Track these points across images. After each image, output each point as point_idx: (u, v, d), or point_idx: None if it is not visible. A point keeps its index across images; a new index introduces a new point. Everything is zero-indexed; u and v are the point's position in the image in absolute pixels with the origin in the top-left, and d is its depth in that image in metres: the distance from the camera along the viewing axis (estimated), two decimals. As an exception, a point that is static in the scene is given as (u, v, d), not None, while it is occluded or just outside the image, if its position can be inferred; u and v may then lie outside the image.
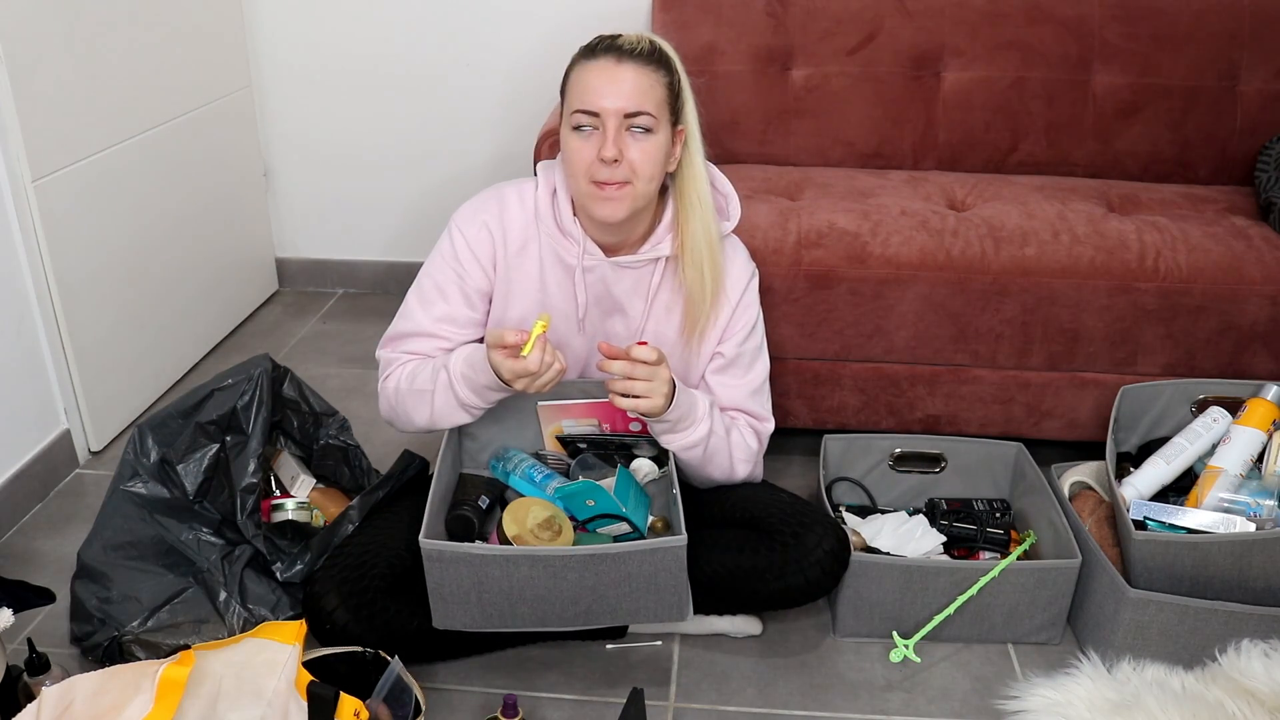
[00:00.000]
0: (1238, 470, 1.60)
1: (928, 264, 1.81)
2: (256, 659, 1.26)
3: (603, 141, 1.40)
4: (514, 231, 1.53)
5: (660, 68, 1.44)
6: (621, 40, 1.43)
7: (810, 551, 1.47)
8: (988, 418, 1.93)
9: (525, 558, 1.35)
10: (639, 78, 1.41)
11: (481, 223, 1.53)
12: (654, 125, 1.42)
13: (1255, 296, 1.78)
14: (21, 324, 1.88)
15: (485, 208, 1.54)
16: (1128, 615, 1.50)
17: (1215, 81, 2.19)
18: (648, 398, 1.41)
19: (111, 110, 2.06)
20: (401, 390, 1.54)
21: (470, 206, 1.55)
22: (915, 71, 2.23)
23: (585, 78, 1.42)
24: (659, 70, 1.44)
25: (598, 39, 1.45)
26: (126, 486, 1.57)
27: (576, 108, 1.42)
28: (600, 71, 1.41)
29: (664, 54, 1.46)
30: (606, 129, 1.40)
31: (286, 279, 2.87)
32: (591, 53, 1.44)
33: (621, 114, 1.40)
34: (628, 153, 1.41)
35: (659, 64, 1.44)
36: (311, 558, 1.53)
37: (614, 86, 1.40)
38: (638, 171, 1.42)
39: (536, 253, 1.53)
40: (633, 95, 1.40)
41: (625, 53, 1.42)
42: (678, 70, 1.48)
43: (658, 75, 1.43)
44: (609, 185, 1.42)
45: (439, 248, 1.55)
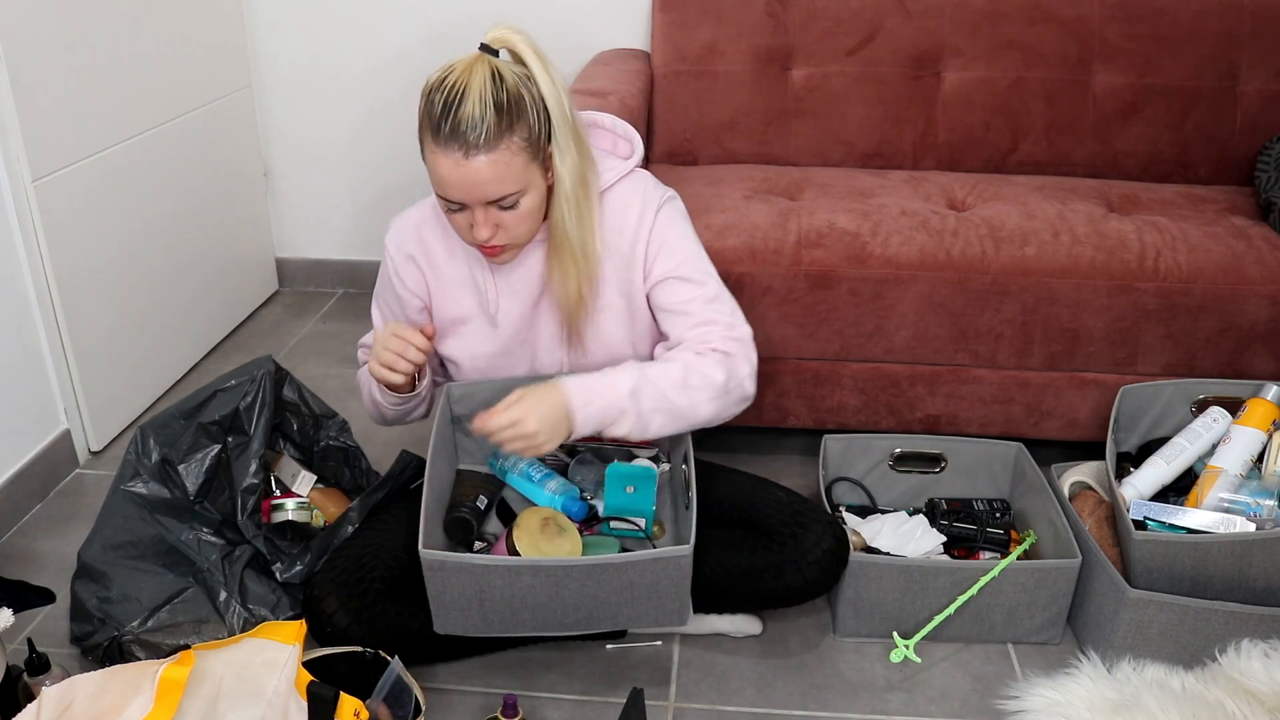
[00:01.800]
0: (1238, 470, 1.60)
1: (928, 264, 1.81)
2: (256, 659, 1.26)
3: (473, 221, 1.38)
4: (435, 243, 1.54)
5: (512, 131, 1.32)
6: (464, 124, 1.30)
7: (809, 550, 1.47)
8: (988, 418, 1.93)
9: (527, 568, 1.35)
10: (492, 167, 1.32)
11: (404, 254, 1.55)
12: (520, 195, 1.37)
13: (1255, 296, 1.78)
14: (21, 324, 1.88)
15: (403, 231, 1.56)
16: (1128, 615, 1.50)
17: (1215, 81, 2.19)
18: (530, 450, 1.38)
19: (111, 110, 2.06)
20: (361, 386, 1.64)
21: (393, 230, 1.57)
22: (915, 71, 2.23)
23: (436, 168, 1.34)
24: (512, 136, 1.32)
25: (441, 108, 1.31)
26: (127, 486, 1.57)
27: (439, 193, 1.38)
28: (452, 168, 1.32)
29: (514, 104, 1.32)
30: (474, 213, 1.37)
31: (286, 279, 2.87)
32: (435, 134, 1.32)
33: (483, 202, 1.36)
34: (501, 223, 1.39)
35: (509, 129, 1.32)
36: (311, 558, 1.53)
37: (467, 184, 1.33)
38: (514, 234, 1.41)
39: (462, 255, 1.54)
40: (490, 185, 1.33)
41: (471, 143, 1.30)
42: (534, 104, 1.35)
43: (512, 144, 1.32)
44: (489, 248, 1.42)
45: (381, 269, 1.60)
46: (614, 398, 1.41)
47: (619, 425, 1.42)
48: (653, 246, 1.50)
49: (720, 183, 2.04)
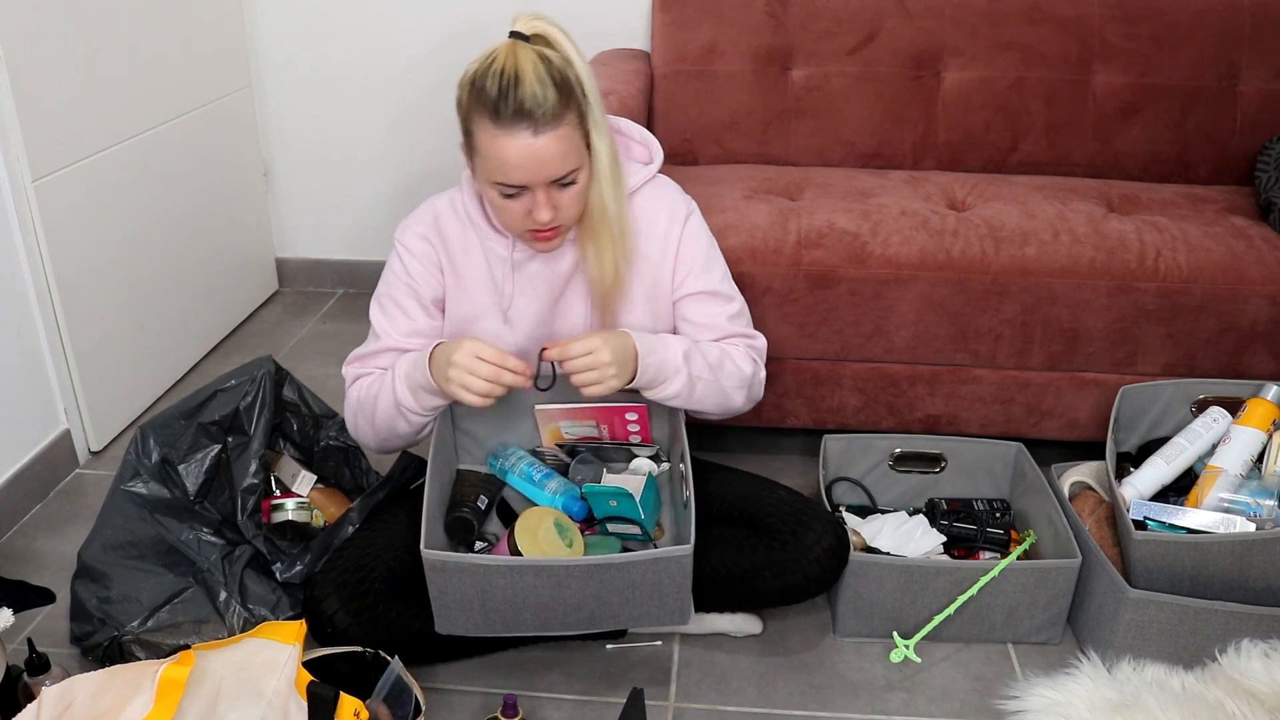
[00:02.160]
0: (1238, 470, 1.60)
1: (928, 264, 1.81)
2: (256, 659, 1.26)
3: (533, 204, 1.38)
4: (453, 238, 1.53)
5: (570, 106, 1.34)
6: (528, 101, 1.31)
7: (809, 549, 1.48)
8: (988, 418, 1.93)
9: (529, 567, 1.35)
10: (558, 143, 1.34)
11: (421, 235, 1.53)
12: (578, 171, 1.39)
13: (1255, 296, 1.78)
14: (21, 324, 1.88)
15: (421, 221, 1.54)
16: (1128, 615, 1.50)
17: (1215, 81, 2.19)
18: (598, 383, 1.41)
19: (111, 110, 2.06)
20: (361, 400, 1.53)
21: (407, 222, 1.55)
22: (915, 71, 2.23)
23: (501, 153, 1.34)
24: (570, 112, 1.34)
25: (498, 91, 1.32)
26: (127, 486, 1.57)
27: (498, 179, 1.37)
28: (519, 149, 1.33)
29: (567, 81, 1.35)
30: (535, 194, 1.38)
31: (286, 279, 2.87)
32: (497, 117, 1.32)
33: (547, 182, 1.37)
34: (558, 204, 1.40)
35: (567, 104, 1.34)
36: (312, 558, 1.53)
37: (536, 163, 1.34)
38: (568, 215, 1.42)
39: (480, 253, 1.53)
40: (557, 162, 1.35)
41: (538, 120, 1.31)
42: (577, 83, 1.37)
43: (570, 119, 1.35)
44: (544, 231, 1.42)
45: (390, 267, 1.55)
46: (671, 355, 1.47)
47: (670, 384, 1.48)
48: (681, 259, 1.55)
49: (720, 183, 2.04)
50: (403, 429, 1.51)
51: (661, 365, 1.46)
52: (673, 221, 1.54)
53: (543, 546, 1.43)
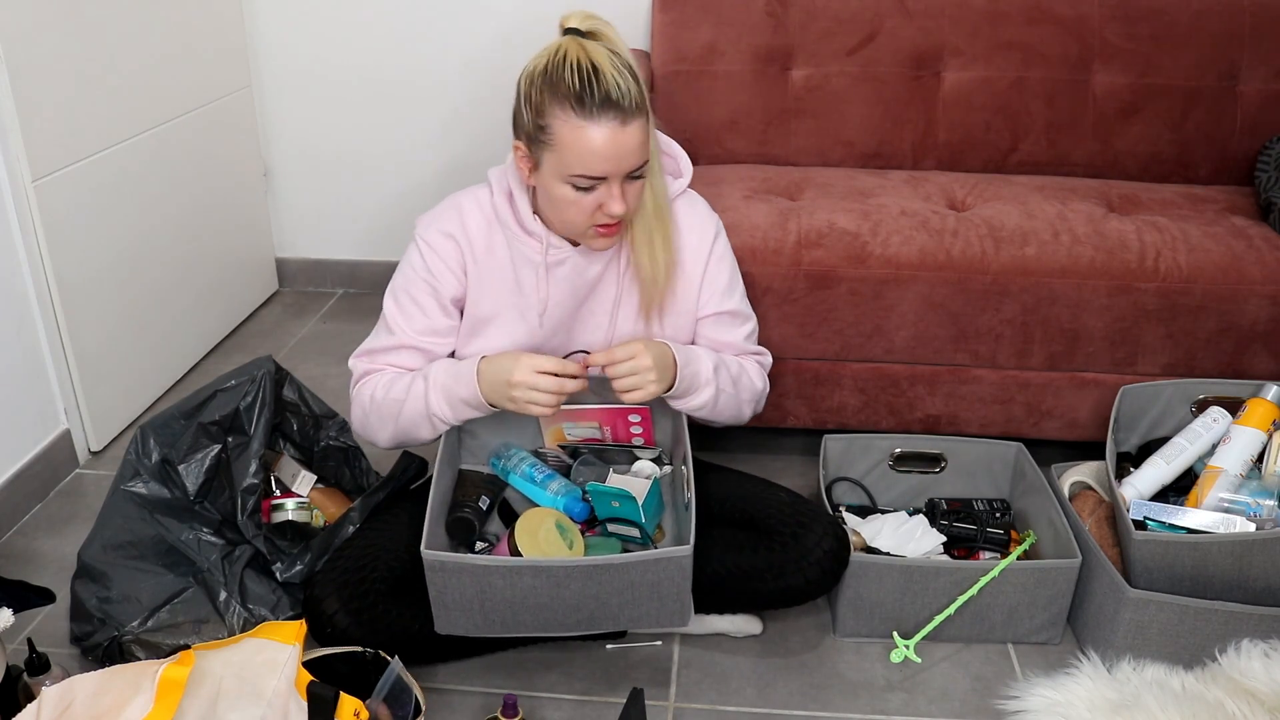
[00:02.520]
0: (1238, 470, 1.60)
1: (928, 264, 1.81)
2: (256, 659, 1.26)
3: (607, 197, 1.38)
4: (478, 237, 1.52)
5: (644, 98, 1.36)
6: (613, 92, 1.31)
7: (810, 551, 1.48)
8: (988, 418, 1.93)
9: (528, 568, 1.35)
10: (640, 132, 1.35)
11: (445, 232, 1.52)
12: (647, 164, 1.40)
13: (1255, 296, 1.78)
14: (22, 324, 1.88)
15: (445, 217, 1.53)
16: (1128, 615, 1.50)
17: (1215, 81, 2.19)
18: (639, 389, 1.43)
19: (111, 110, 2.06)
20: (376, 399, 1.52)
21: (430, 216, 1.54)
22: (915, 71, 2.23)
23: (587, 143, 1.33)
24: (645, 104, 1.36)
25: (580, 82, 1.32)
26: (127, 486, 1.57)
27: (578, 171, 1.36)
28: (609, 136, 1.32)
29: (637, 76, 1.36)
30: (611, 186, 1.38)
31: (286, 279, 2.87)
32: (583, 106, 1.32)
33: (626, 172, 1.38)
34: (628, 197, 1.41)
35: (643, 96, 1.35)
36: (312, 558, 1.53)
37: (622, 152, 1.34)
38: (633, 209, 1.44)
39: (505, 253, 1.53)
40: (639, 152, 1.36)
41: (626, 110, 1.32)
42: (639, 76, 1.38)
43: (646, 110, 1.36)
44: (610, 226, 1.43)
45: (408, 260, 1.54)
46: (703, 368, 1.52)
47: (699, 395, 1.53)
48: (709, 279, 1.58)
49: (720, 183, 2.04)
50: (425, 435, 1.53)
51: (695, 376, 1.50)
52: (703, 239, 1.57)
53: (543, 547, 1.43)
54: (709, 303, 1.58)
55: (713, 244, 1.57)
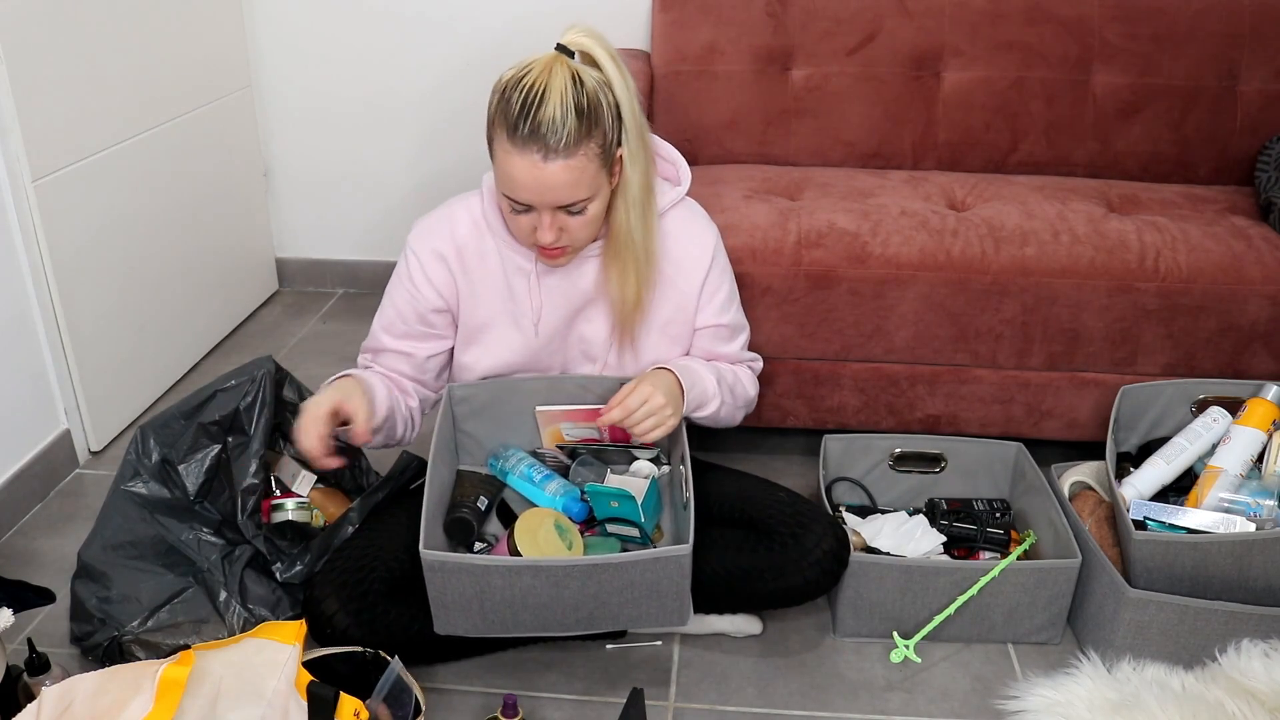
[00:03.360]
0: (1238, 470, 1.60)
1: (928, 264, 1.81)
2: (256, 659, 1.26)
3: (538, 224, 1.39)
4: (469, 248, 1.53)
5: (590, 137, 1.33)
6: (544, 127, 1.30)
7: (809, 551, 1.48)
8: (988, 418, 1.93)
9: (528, 568, 1.35)
10: (568, 173, 1.32)
11: (434, 250, 1.52)
12: (589, 201, 1.38)
13: (1255, 296, 1.78)
14: (22, 324, 1.88)
15: (436, 231, 1.53)
16: (1128, 615, 1.50)
17: (1215, 81, 2.19)
18: (660, 427, 1.44)
19: (111, 110, 2.06)
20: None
21: (423, 227, 1.54)
22: (915, 71, 2.23)
23: (509, 169, 1.34)
24: (589, 142, 1.33)
25: (520, 108, 1.30)
26: (127, 486, 1.57)
27: (504, 192, 1.38)
28: (525, 170, 1.32)
29: (593, 111, 1.32)
30: (540, 215, 1.38)
31: (286, 279, 2.87)
32: (513, 134, 1.31)
33: (553, 207, 1.37)
34: (566, 227, 1.40)
35: (588, 135, 1.32)
36: (311, 558, 1.53)
37: (541, 187, 1.33)
38: (576, 238, 1.43)
39: (497, 262, 1.53)
40: (564, 189, 1.34)
41: (550, 148, 1.30)
42: (610, 109, 1.35)
43: (588, 151, 1.33)
44: (549, 250, 1.43)
45: (399, 269, 1.56)
46: (708, 385, 1.55)
47: (706, 408, 1.56)
48: (707, 293, 1.58)
49: (720, 183, 2.04)
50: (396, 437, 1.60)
51: (702, 394, 1.54)
52: (702, 252, 1.57)
53: (542, 547, 1.43)
54: (707, 317, 1.59)
55: (712, 258, 1.57)
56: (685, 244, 1.56)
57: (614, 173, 1.42)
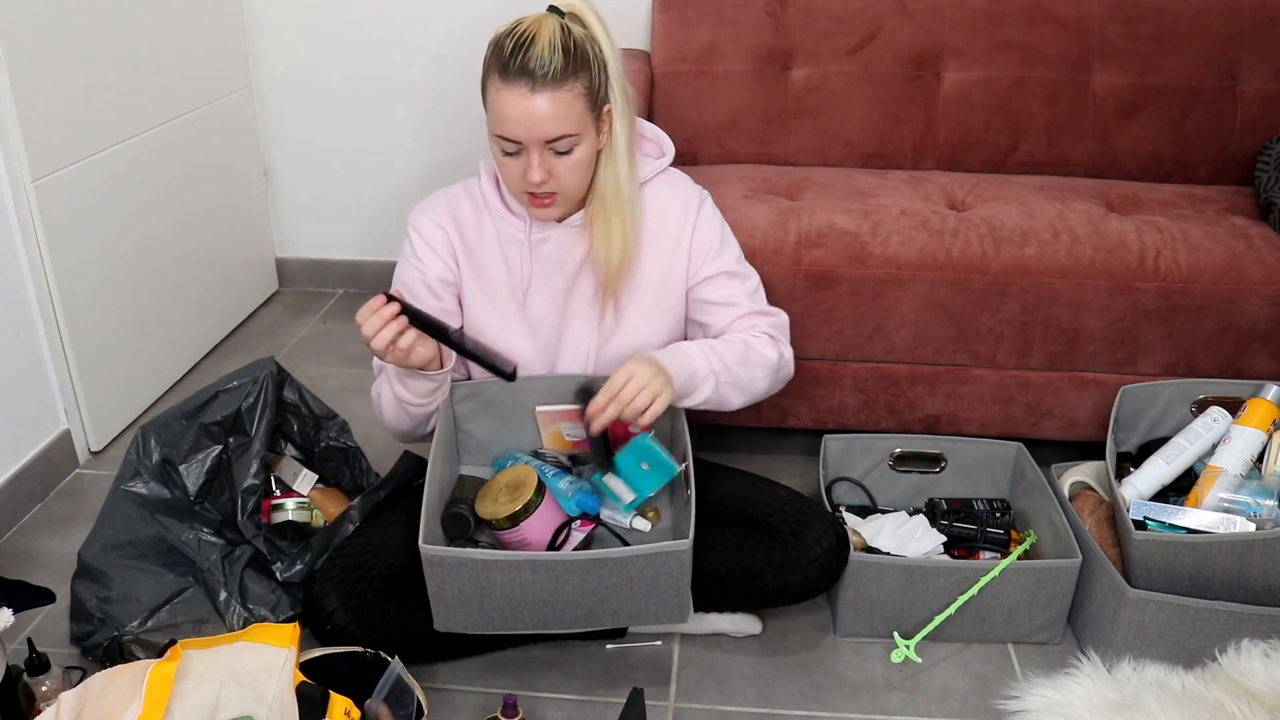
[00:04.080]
0: (1238, 470, 1.60)
1: (928, 264, 1.81)
2: (253, 664, 1.26)
3: (527, 165, 1.41)
4: (467, 221, 1.57)
5: (576, 76, 1.38)
6: (532, 61, 1.35)
7: (809, 549, 1.48)
8: (988, 418, 1.93)
9: (527, 562, 1.35)
10: (554, 105, 1.37)
11: (433, 221, 1.57)
12: (576, 141, 1.41)
13: (1255, 296, 1.78)
14: (21, 324, 1.88)
15: (434, 206, 1.58)
16: (1128, 615, 1.50)
17: (1215, 81, 2.19)
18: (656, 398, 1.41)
19: (111, 110, 2.06)
20: (375, 397, 1.59)
21: (421, 206, 1.59)
22: (915, 71, 2.23)
23: (500, 104, 1.38)
24: (575, 81, 1.38)
25: (511, 49, 1.36)
26: (127, 486, 1.57)
27: (496, 132, 1.41)
28: (514, 101, 1.37)
29: (580, 54, 1.39)
30: (529, 154, 1.40)
31: (286, 279, 2.87)
32: (504, 72, 1.37)
33: (541, 141, 1.39)
34: (554, 170, 1.43)
35: (574, 74, 1.38)
36: (311, 557, 1.53)
37: (530, 119, 1.37)
38: (564, 184, 1.45)
39: (494, 236, 1.56)
40: (550, 123, 1.38)
41: (538, 79, 1.35)
42: (596, 59, 1.41)
43: (575, 88, 1.38)
44: (540, 197, 1.45)
45: (403, 251, 1.60)
46: (697, 366, 1.50)
47: (700, 393, 1.52)
48: (697, 244, 1.57)
49: (720, 183, 2.04)
50: (406, 423, 1.57)
51: (691, 379, 1.50)
52: (687, 209, 1.57)
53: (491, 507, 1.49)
54: (702, 267, 1.58)
55: (698, 210, 1.58)
56: (668, 203, 1.57)
57: (601, 128, 1.45)
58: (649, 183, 1.57)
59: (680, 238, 1.57)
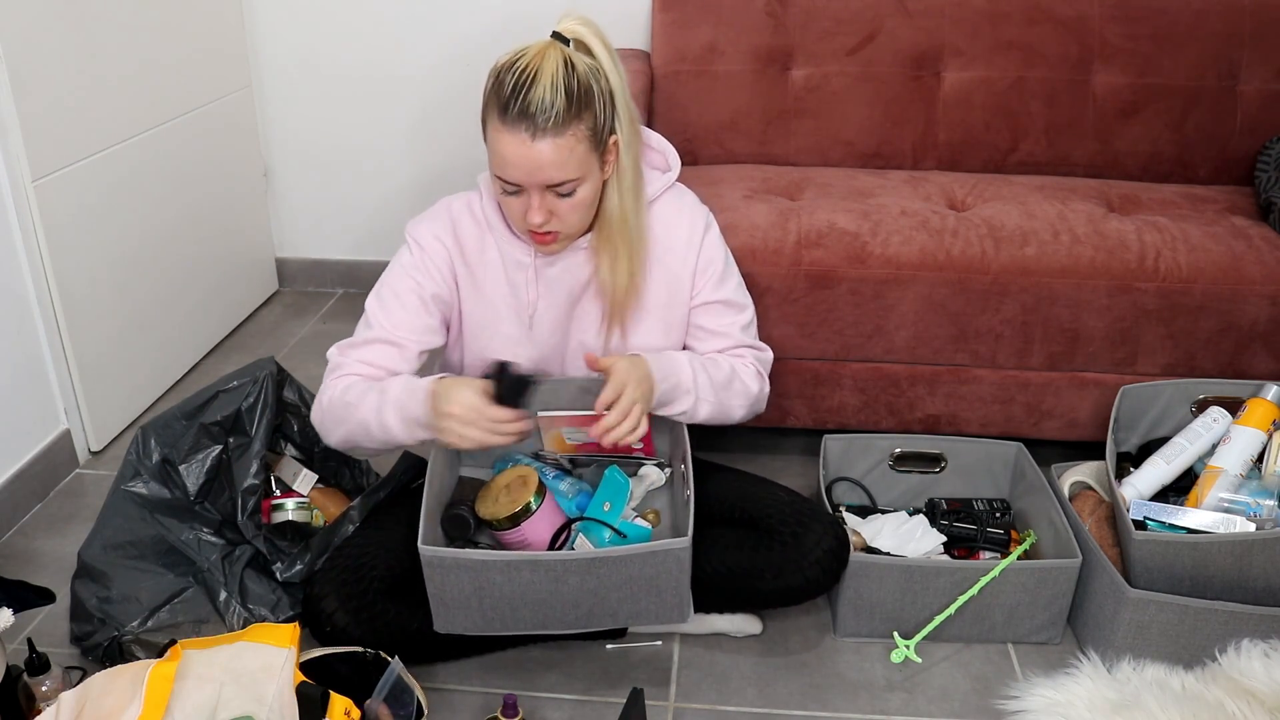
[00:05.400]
0: (1238, 470, 1.60)
1: (928, 264, 1.81)
2: (253, 665, 1.26)
3: (528, 206, 1.39)
4: (469, 240, 1.53)
5: (579, 118, 1.34)
6: (533, 105, 1.32)
7: (809, 550, 1.48)
8: (988, 418, 1.93)
9: (526, 562, 1.35)
10: (556, 151, 1.34)
11: (434, 235, 1.52)
12: (579, 183, 1.39)
13: (1255, 296, 1.78)
14: (22, 324, 1.88)
15: (436, 219, 1.53)
16: (1128, 615, 1.50)
17: (1215, 81, 2.19)
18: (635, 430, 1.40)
19: (111, 110, 2.06)
20: (333, 400, 1.49)
21: (422, 218, 1.55)
22: (915, 71, 2.23)
23: (500, 147, 1.36)
24: (578, 123, 1.35)
25: (512, 88, 1.33)
26: (128, 486, 1.57)
27: (496, 173, 1.39)
28: (514, 147, 1.34)
29: (583, 93, 1.35)
30: (530, 195, 1.39)
31: (286, 279, 2.87)
32: (504, 113, 1.33)
33: (542, 186, 1.38)
34: (556, 210, 1.41)
35: (577, 116, 1.34)
36: (311, 557, 1.53)
37: (530, 165, 1.35)
38: (567, 222, 1.43)
39: (497, 256, 1.53)
40: (551, 169, 1.35)
41: (539, 125, 1.32)
42: (601, 94, 1.37)
43: (578, 130, 1.35)
44: (543, 234, 1.43)
45: (397, 259, 1.54)
46: (682, 378, 1.50)
47: (678, 404, 1.51)
48: (700, 269, 1.56)
49: (720, 183, 2.04)
50: (370, 447, 1.50)
51: (674, 389, 1.49)
52: (693, 232, 1.56)
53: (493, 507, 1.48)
54: (701, 292, 1.57)
55: (704, 234, 1.56)
56: (674, 226, 1.55)
57: (607, 160, 1.42)
58: (656, 200, 1.55)
59: (685, 260, 1.55)
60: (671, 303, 1.57)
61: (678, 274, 1.56)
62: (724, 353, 1.59)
